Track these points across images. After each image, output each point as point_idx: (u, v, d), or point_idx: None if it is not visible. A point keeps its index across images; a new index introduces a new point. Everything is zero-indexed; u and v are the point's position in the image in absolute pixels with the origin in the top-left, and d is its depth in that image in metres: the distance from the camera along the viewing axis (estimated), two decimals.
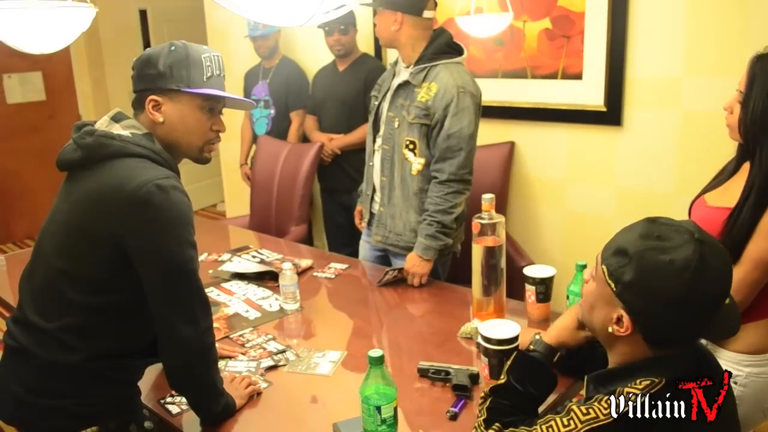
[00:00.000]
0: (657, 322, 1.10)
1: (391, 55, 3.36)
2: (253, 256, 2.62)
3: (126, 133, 1.41)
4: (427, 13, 2.29)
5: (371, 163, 2.53)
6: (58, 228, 1.41)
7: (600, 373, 1.21)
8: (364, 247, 2.66)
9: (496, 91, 3.10)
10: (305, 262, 2.49)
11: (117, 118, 1.45)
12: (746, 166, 1.55)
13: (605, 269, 1.13)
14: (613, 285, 1.12)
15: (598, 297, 1.17)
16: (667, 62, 2.60)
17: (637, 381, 1.11)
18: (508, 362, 1.37)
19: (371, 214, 2.56)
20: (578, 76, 2.84)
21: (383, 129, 2.42)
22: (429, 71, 2.29)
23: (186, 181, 5.59)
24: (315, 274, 2.44)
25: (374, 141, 2.50)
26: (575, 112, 2.88)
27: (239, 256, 2.64)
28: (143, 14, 6.13)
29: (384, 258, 2.59)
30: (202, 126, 1.48)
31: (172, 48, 1.43)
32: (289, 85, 3.76)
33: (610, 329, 1.14)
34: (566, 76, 2.87)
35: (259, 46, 3.76)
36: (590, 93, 2.81)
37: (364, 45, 3.55)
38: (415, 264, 2.29)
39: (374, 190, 2.54)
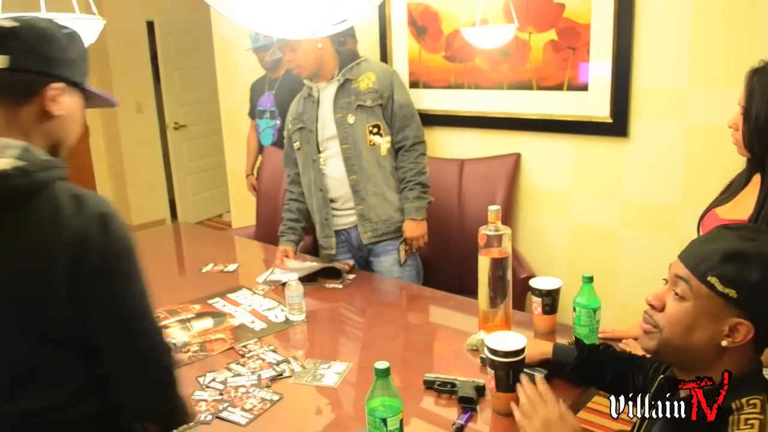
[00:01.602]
0: None
1: (396, 58, 3.37)
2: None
3: (9, 162, 1.08)
4: None
5: (321, 189, 2.59)
6: None
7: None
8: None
9: (501, 103, 3.10)
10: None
11: None
12: (756, 179, 1.55)
13: (716, 280, 1.08)
14: (733, 292, 1.07)
15: (697, 315, 1.11)
16: (673, 74, 2.60)
17: (743, 400, 1.07)
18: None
19: (338, 233, 2.65)
20: (584, 88, 2.84)
21: (338, 133, 2.52)
22: (356, 68, 2.54)
23: (192, 191, 5.64)
24: (322, 283, 2.44)
25: (318, 160, 2.58)
26: (581, 124, 2.88)
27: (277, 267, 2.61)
28: (150, 26, 6.17)
29: (366, 264, 2.68)
30: (81, 125, 1.30)
31: (68, 32, 1.22)
32: (294, 95, 3.75)
33: (723, 343, 1.09)
34: (572, 88, 2.87)
35: (262, 57, 3.78)
36: (596, 104, 2.81)
37: (368, 53, 3.55)
38: (413, 228, 2.54)
39: (331, 207, 2.61)
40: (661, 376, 1.26)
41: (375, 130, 2.53)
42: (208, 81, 5.61)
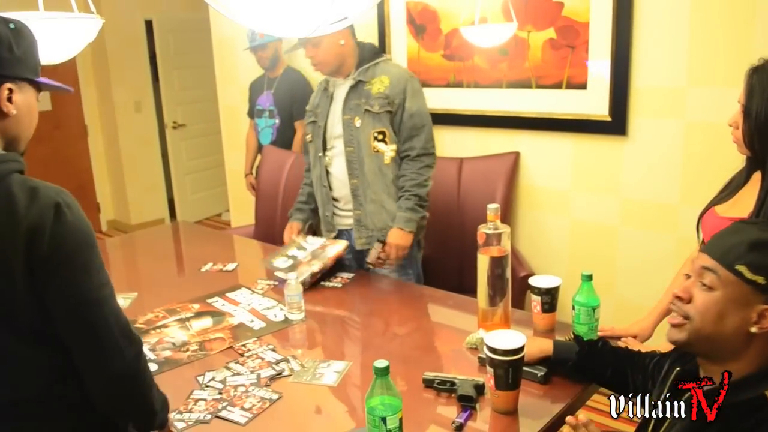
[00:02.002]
0: None
1: (394, 56, 3.36)
2: (299, 248, 2.55)
3: None
4: None
5: (325, 185, 2.56)
6: None
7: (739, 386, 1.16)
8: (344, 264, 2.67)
9: (500, 101, 3.10)
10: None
11: None
12: (756, 177, 1.56)
13: (745, 268, 1.12)
14: (761, 279, 1.11)
15: (726, 303, 1.15)
16: (672, 72, 2.60)
17: None
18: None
19: (339, 231, 2.62)
20: (583, 86, 2.84)
21: (343, 134, 2.48)
22: (372, 69, 2.46)
23: (191, 190, 5.64)
24: (321, 283, 2.43)
25: (324, 157, 2.55)
26: (580, 122, 2.88)
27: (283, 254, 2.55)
28: (149, 25, 6.16)
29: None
30: (37, 117, 1.30)
31: (14, 26, 1.21)
32: (293, 94, 3.77)
33: (753, 329, 1.13)
34: (571, 86, 2.87)
35: (260, 57, 3.78)
36: (595, 103, 2.81)
37: None
38: (398, 237, 2.42)
39: (334, 206, 2.58)
40: (678, 368, 1.27)
41: (380, 136, 2.44)
42: (206, 80, 5.61)
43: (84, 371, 1.20)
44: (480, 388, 1.61)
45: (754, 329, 1.12)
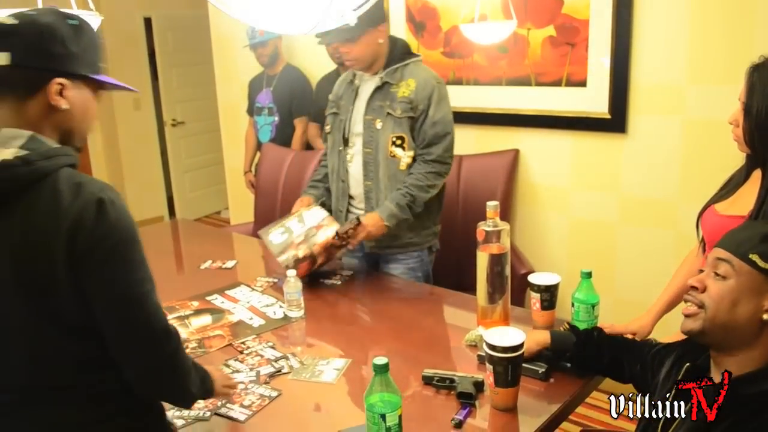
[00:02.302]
0: None
1: None
2: (299, 220, 2.45)
3: (13, 152, 1.12)
4: None
5: (343, 180, 2.52)
6: None
7: (753, 378, 1.18)
8: (351, 262, 2.64)
9: (500, 99, 3.10)
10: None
11: None
12: (756, 174, 1.56)
13: (758, 257, 1.17)
14: None
15: (740, 291, 1.19)
16: (671, 69, 2.60)
17: None
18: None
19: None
20: (582, 84, 2.84)
21: (363, 134, 2.43)
22: (401, 71, 2.39)
23: (190, 188, 5.63)
24: (321, 280, 2.43)
25: (344, 153, 2.49)
26: (579, 120, 2.88)
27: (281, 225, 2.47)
28: (148, 22, 6.15)
29: (375, 266, 2.59)
30: (95, 114, 1.33)
31: (74, 23, 1.23)
32: (292, 92, 3.77)
33: (766, 317, 1.17)
34: (570, 84, 2.87)
35: (260, 54, 3.78)
36: (594, 100, 2.81)
37: None
38: (374, 224, 2.32)
39: (349, 203, 2.54)
40: (688, 364, 1.29)
41: (399, 141, 2.37)
42: (205, 78, 5.60)
43: (122, 363, 1.22)
44: (479, 385, 1.61)
45: (766, 316, 1.16)
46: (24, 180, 1.12)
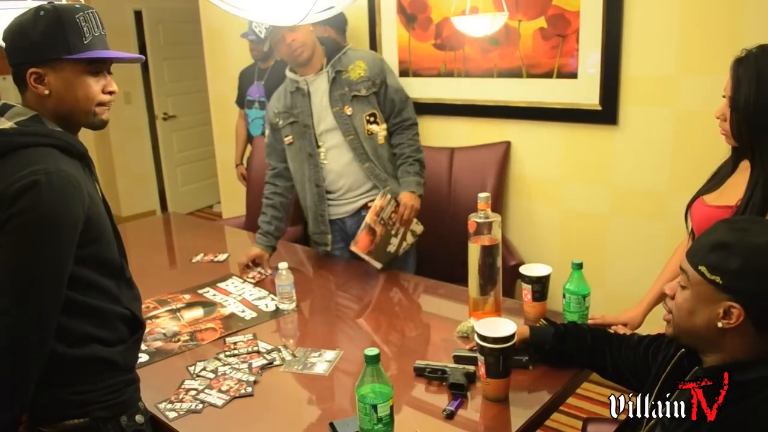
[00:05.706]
0: None
1: (385, 46, 3.35)
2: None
3: (9, 124, 1.29)
4: None
5: (318, 185, 2.53)
6: None
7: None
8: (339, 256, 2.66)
9: (491, 91, 3.10)
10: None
11: (2, 111, 1.33)
12: (743, 165, 1.57)
13: (705, 268, 1.17)
14: (718, 279, 1.15)
15: (696, 300, 1.20)
16: (662, 61, 2.61)
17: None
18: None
19: (332, 222, 2.60)
20: (573, 75, 2.84)
21: (338, 125, 2.47)
22: (343, 58, 2.51)
23: (182, 182, 5.60)
24: (313, 272, 2.44)
25: (317, 155, 2.51)
26: (570, 111, 2.88)
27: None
28: (138, 15, 6.11)
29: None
30: (92, 91, 1.37)
31: (41, 13, 1.30)
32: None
33: (719, 325, 1.17)
34: (561, 75, 2.87)
35: (253, 48, 3.76)
36: (585, 92, 2.81)
37: (357, 42, 3.54)
38: (410, 198, 2.44)
39: (328, 198, 2.56)
40: (682, 350, 1.31)
41: (371, 119, 2.50)
42: (197, 71, 5.57)
43: None
44: (471, 377, 1.62)
45: (720, 324, 1.17)
46: (2, 147, 1.26)
